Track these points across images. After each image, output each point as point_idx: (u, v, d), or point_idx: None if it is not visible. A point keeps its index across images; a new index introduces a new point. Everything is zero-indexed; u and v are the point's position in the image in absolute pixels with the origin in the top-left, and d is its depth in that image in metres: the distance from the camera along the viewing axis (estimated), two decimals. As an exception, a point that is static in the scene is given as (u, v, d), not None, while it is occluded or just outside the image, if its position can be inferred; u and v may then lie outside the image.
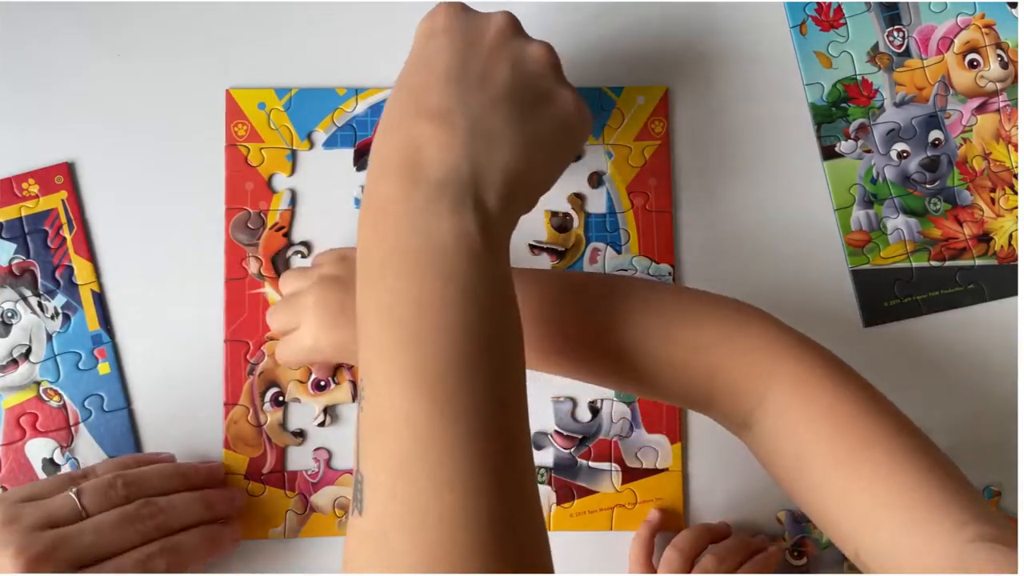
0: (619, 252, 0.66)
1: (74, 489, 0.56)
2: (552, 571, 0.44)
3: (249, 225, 0.64)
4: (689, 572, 0.60)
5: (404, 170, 0.47)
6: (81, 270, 0.64)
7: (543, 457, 0.64)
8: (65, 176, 0.64)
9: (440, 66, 0.50)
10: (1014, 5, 0.68)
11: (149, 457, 0.62)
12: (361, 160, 0.66)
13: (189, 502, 0.58)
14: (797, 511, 0.64)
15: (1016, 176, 0.67)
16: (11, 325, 0.63)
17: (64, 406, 0.63)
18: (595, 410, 0.65)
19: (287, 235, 0.65)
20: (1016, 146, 0.67)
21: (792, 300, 0.66)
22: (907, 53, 0.68)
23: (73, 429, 0.63)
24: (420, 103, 0.49)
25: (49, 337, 0.63)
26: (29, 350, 0.63)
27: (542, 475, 0.64)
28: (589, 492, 0.64)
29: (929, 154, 0.67)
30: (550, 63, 0.54)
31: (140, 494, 0.57)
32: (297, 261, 0.65)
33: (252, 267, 0.64)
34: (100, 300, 0.64)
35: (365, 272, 0.47)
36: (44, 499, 0.55)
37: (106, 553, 0.54)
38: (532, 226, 0.66)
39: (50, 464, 0.62)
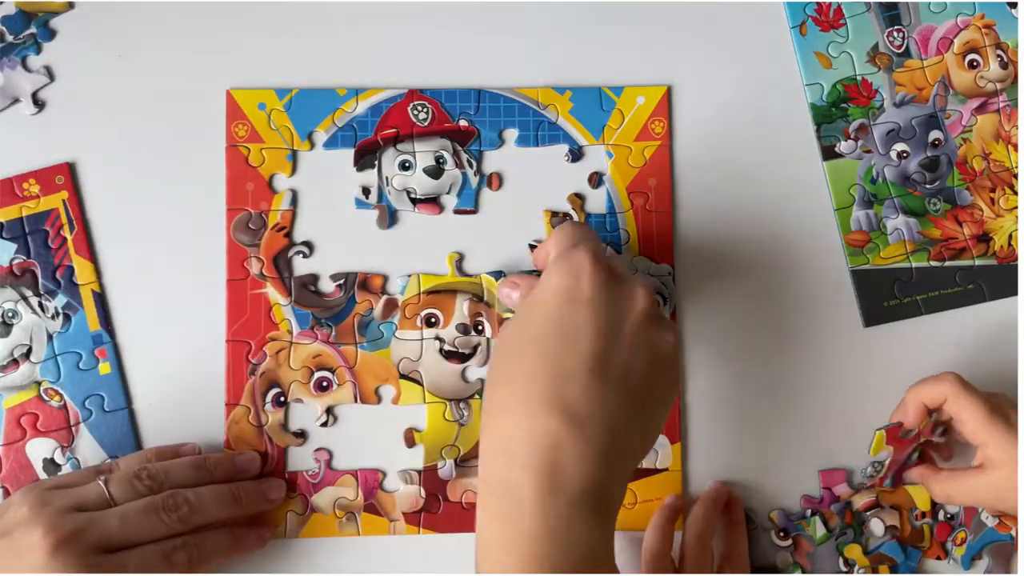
0: (619, 252, 0.66)
1: (103, 478, 0.57)
2: None
3: (250, 225, 0.64)
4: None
5: (541, 470, 0.48)
6: (82, 270, 0.64)
7: (543, 457, 0.64)
8: (66, 176, 0.64)
9: (583, 350, 0.49)
10: (1014, 5, 0.68)
11: (172, 449, 0.62)
12: (361, 160, 0.66)
13: (218, 497, 0.58)
14: (790, 510, 0.65)
15: (1016, 176, 0.67)
16: (12, 325, 0.63)
17: (65, 406, 0.63)
18: (595, 410, 0.65)
19: (288, 235, 0.65)
20: (1016, 146, 0.67)
21: (792, 300, 0.66)
22: (907, 53, 0.68)
23: (74, 429, 0.63)
24: (558, 393, 0.48)
25: (50, 337, 0.63)
26: (30, 350, 0.63)
27: (542, 475, 0.64)
28: (589, 492, 0.64)
29: (929, 154, 0.67)
30: (676, 346, 0.54)
31: (165, 487, 0.57)
32: (298, 261, 0.65)
33: (253, 267, 0.64)
34: (101, 300, 0.64)
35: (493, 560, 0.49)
36: (74, 487, 0.56)
37: (131, 540, 0.55)
38: (532, 226, 0.66)
39: (51, 464, 0.62)
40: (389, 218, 0.65)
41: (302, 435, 0.64)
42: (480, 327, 0.65)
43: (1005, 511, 0.63)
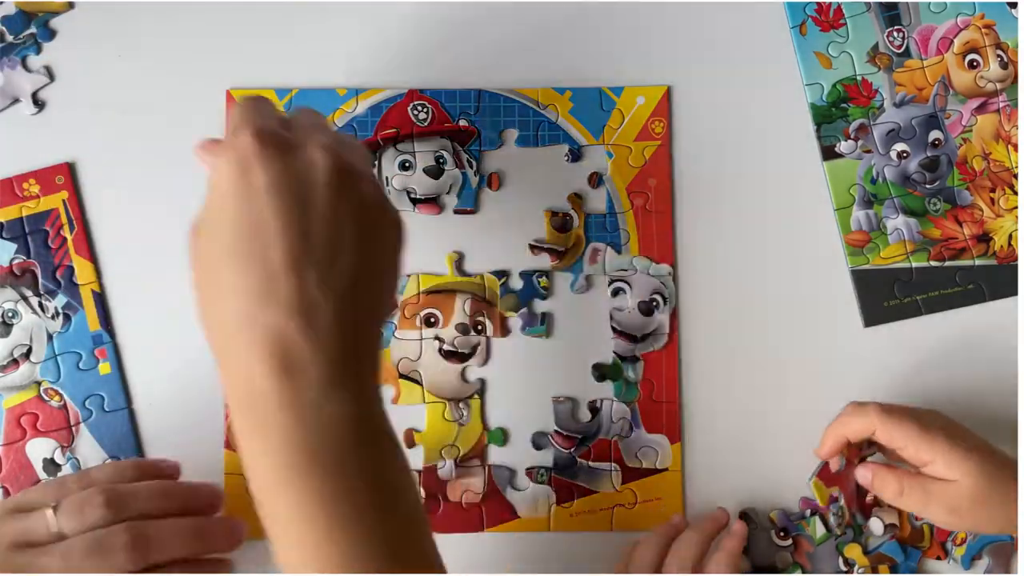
0: (619, 252, 0.66)
1: (53, 504, 0.53)
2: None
3: (249, 225, 0.64)
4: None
5: (275, 367, 0.45)
6: (82, 270, 0.64)
7: (543, 457, 0.64)
8: (66, 176, 0.64)
9: (279, 244, 0.45)
10: (1014, 5, 0.68)
11: (151, 464, 0.59)
12: (361, 160, 0.66)
13: (179, 531, 0.54)
14: (790, 510, 0.65)
15: (1016, 176, 0.67)
16: (12, 325, 0.63)
17: (65, 406, 0.63)
18: (595, 410, 0.65)
19: (287, 235, 0.65)
20: (1016, 146, 0.67)
21: (792, 300, 0.66)
22: (907, 53, 0.68)
23: (74, 429, 0.63)
24: (272, 292, 0.45)
25: (50, 337, 0.63)
26: (30, 350, 0.63)
27: (542, 475, 0.64)
28: (589, 492, 0.64)
29: (929, 154, 0.67)
30: (379, 188, 0.50)
31: (121, 515, 0.53)
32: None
33: (252, 267, 0.64)
34: (101, 300, 0.64)
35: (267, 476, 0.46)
36: (28, 512, 0.53)
37: None
38: (532, 226, 0.66)
39: (51, 464, 0.62)
40: (389, 218, 0.65)
41: (302, 435, 0.64)
42: (480, 327, 0.65)
43: (955, 527, 0.62)
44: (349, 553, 0.45)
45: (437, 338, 0.65)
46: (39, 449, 0.63)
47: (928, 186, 0.67)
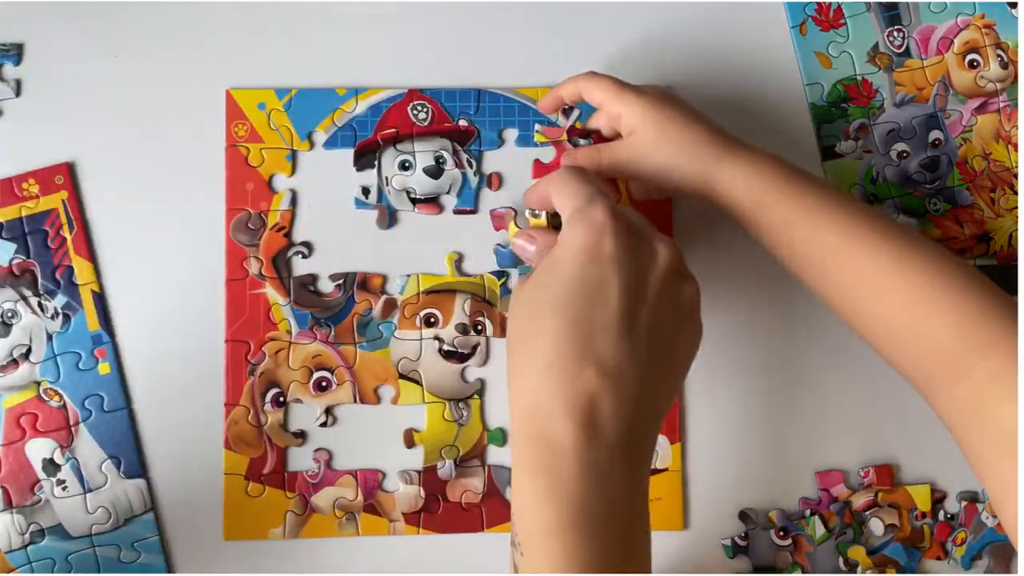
0: (619, 252, 0.66)
1: None
2: None
3: (250, 226, 0.64)
4: None
5: (580, 420, 0.48)
6: (81, 270, 0.64)
7: (543, 457, 0.64)
8: (65, 176, 0.64)
9: (611, 307, 0.50)
10: (1014, 5, 0.68)
11: None
12: (361, 160, 0.66)
13: None
14: (789, 510, 0.65)
15: (1016, 176, 0.67)
16: (11, 325, 0.63)
17: (64, 406, 0.63)
18: (595, 410, 0.65)
19: (288, 235, 0.65)
20: (1016, 146, 0.67)
21: (792, 300, 0.66)
22: (907, 53, 0.68)
23: (73, 429, 0.63)
24: (591, 349, 0.49)
25: (49, 337, 0.63)
26: (29, 350, 0.63)
27: (542, 475, 0.64)
28: (589, 492, 0.64)
29: (929, 154, 0.67)
30: (698, 294, 0.54)
31: None
32: (298, 262, 0.65)
33: (253, 267, 0.64)
34: (100, 300, 0.64)
35: (533, 518, 0.49)
36: None
37: None
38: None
39: (50, 464, 0.62)
40: (389, 218, 0.65)
41: (301, 435, 0.64)
42: (480, 327, 0.65)
43: (646, 177, 0.61)
44: None
45: (437, 338, 0.65)
46: (39, 449, 0.63)
47: (928, 186, 0.67)
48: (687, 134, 0.59)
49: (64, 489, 0.62)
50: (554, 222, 0.57)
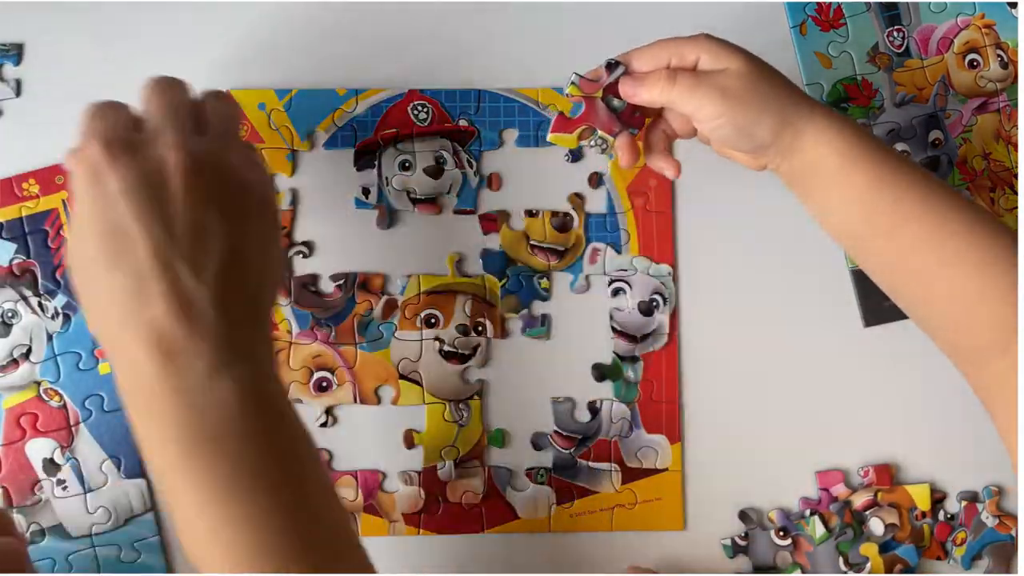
0: (619, 252, 0.66)
1: None
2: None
3: (249, 225, 0.64)
4: None
5: (157, 358, 0.46)
6: (81, 270, 0.64)
7: (543, 458, 0.64)
8: (65, 176, 0.64)
9: (143, 247, 0.47)
10: (1014, 5, 0.68)
11: None
12: (361, 160, 0.66)
13: None
14: (789, 509, 0.65)
15: (1016, 176, 0.67)
16: (11, 325, 0.63)
17: (64, 406, 0.63)
18: (594, 410, 0.65)
19: (288, 235, 0.65)
20: (1016, 146, 0.67)
21: (792, 300, 0.66)
22: (907, 53, 0.68)
23: (73, 429, 0.63)
24: (145, 291, 0.46)
25: (49, 337, 0.63)
26: (29, 350, 0.63)
27: (542, 476, 0.64)
28: (589, 492, 0.64)
29: (929, 154, 0.67)
30: (240, 169, 0.51)
31: None
32: (298, 262, 0.65)
33: (252, 267, 0.64)
34: (100, 300, 0.64)
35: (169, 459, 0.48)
36: None
37: None
38: (533, 226, 0.66)
39: (50, 464, 0.62)
40: (389, 218, 0.65)
41: (302, 435, 0.64)
42: (480, 328, 0.65)
43: (726, 116, 0.55)
44: (251, 529, 0.46)
45: (437, 339, 0.65)
46: (39, 449, 0.63)
47: (928, 186, 0.67)
48: (780, 80, 0.57)
49: (64, 489, 0.62)
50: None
